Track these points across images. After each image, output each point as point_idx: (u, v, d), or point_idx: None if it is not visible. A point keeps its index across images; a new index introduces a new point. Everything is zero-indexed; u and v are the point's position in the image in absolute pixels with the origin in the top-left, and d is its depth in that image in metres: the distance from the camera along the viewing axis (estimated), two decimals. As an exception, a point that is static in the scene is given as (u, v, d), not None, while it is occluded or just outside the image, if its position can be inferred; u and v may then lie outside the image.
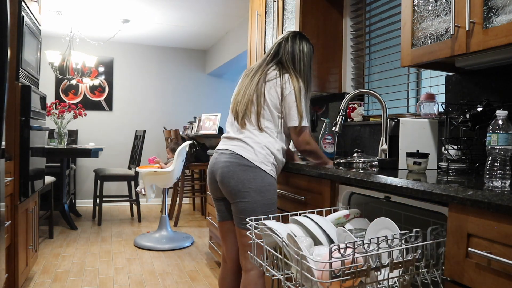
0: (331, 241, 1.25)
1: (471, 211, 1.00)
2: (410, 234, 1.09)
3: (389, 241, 1.05)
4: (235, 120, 1.82)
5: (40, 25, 2.97)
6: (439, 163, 1.59)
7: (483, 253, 0.95)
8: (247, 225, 1.36)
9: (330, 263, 1.00)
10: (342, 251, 1.01)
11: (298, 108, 1.74)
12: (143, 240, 3.87)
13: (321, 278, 1.03)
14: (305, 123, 1.76)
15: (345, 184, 1.56)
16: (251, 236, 1.35)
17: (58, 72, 4.79)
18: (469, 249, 0.99)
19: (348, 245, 1.02)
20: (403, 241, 1.07)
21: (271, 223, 1.27)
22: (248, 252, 1.57)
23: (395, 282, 1.14)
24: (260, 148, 1.72)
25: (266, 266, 1.29)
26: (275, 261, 1.32)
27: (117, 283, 2.91)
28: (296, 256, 1.08)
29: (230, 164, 1.72)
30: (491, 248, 0.95)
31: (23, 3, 2.43)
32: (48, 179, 3.91)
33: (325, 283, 1.01)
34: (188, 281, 2.99)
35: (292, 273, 1.22)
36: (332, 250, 1.00)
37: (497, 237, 0.93)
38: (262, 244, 1.27)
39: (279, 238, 1.18)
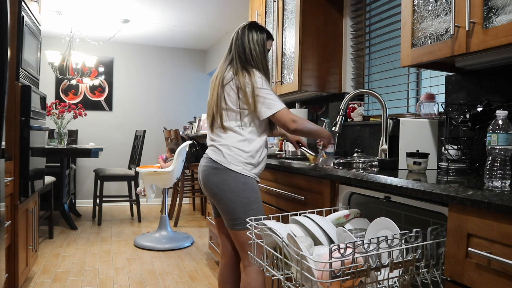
0: (331, 241, 1.25)
1: (471, 211, 1.00)
2: (410, 234, 1.09)
3: (389, 241, 1.05)
4: (208, 125, 1.89)
5: (40, 25, 2.97)
6: (439, 163, 1.59)
7: (483, 253, 0.95)
8: (247, 225, 1.37)
9: (330, 263, 1.00)
10: (342, 251, 1.01)
11: (264, 99, 1.72)
12: (143, 240, 3.87)
13: (321, 278, 1.03)
14: (278, 107, 1.74)
15: (345, 184, 1.56)
16: (250, 236, 1.35)
17: (58, 72, 4.79)
18: (469, 249, 0.99)
19: (348, 245, 1.02)
20: (403, 241, 1.07)
21: (271, 223, 1.28)
22: (248, 252, 1.58)
23: (395, 282, 1.14)
24: (227, 149, 1.75)
25: (266, 266, 1.29)
26: (275, 261, 1.32)
27: (117, 283, 2.91)
28: (296, 256, 1.08)
29: (206, 168, 1.80)
30: (491, 248, 0.95)
31: (23, 3, 2.43)
32: (48, 179, 3.91)
33: (325, 283, 1.01)
34: (188, 281, 2.99)
35: (292, 273, 1.22)
36: (332, 250, 1.00)
37: (497, 237, 0.93)
38: (262, 244, 1.27)
39: (279, 238, 1.18)
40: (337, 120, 1.96)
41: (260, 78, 1.75)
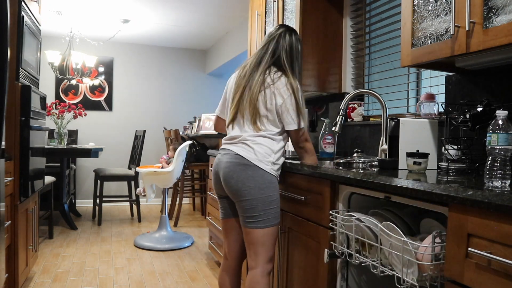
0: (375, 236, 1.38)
1: (471, 211, 1.00)
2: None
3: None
4: (235, 121, 1.84)
5: (40, 25, 2.97)
6: (439, 163, 1.59)
7: (483, 253, 0.95)
8: (330, 217, 1.52)
9: (433, 247, 1.13)
10: (436, 239, 1.14)
11: (297, 111, 1.79)
12: (143, 240, 3.87)
13: (422, 261, 1.16)
14: (304, 124, 1.82)
15: (345, 184, 1.56)
16: (334, 227, 1.54)
17: (58, 72, 4.79)
18: (469, 249, 0.99)
19: (435, 234, 1.15)
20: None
21: (357, 214, 1.43)
22: (331, 242, 1.60)
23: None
24: (259, 148, 1.75)
25: (356, 254, 1.45)
26: (357, 248, 1.48)
27: (117, 283, 2.91)
28: (398, 243, 1.20)
29: (230, 164, 1.76)
30: (491, 248, 0.95)
31: (23, 3, 2.43)
32: (48, 179, 3.91)
33: (426, 265, 1.14)
34: (188, 281, 2.99)
35: (378, 260, 1.35)
36: (435, 235, 1.14)
37: (497, 237, 0.93)
38: (352, 234, 1.43)
39: (375, 227, 1.32)
40: (337, 120, 1.96)
41: (299, 89, 1.82)
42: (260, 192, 1.72)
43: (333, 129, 1.97)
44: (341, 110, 1.96)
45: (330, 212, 1.57)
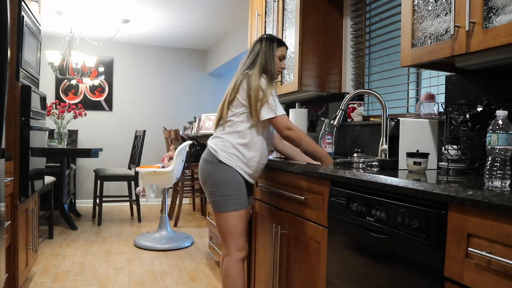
0: None
1: (471, 211, 1.00)
2: None
3: None
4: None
5: (40, 25, 2.97)
6: (439, 163, 1.59)
7: (483, 253, 0.95)
8: None
9: None
10: None
11: (267, 102, 1.86)
12: (143, 240, 3.87)
13: None
14: (279, 112, 1.87)
15: (345, 184, 1.55)
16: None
17: (58, 72, 4.79)
18: (469, 249, 0.99)
19: None
20: None
21: None
22: None
23: None
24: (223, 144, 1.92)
25: None
26: None
27: (117, 283, 2.91)
28: None
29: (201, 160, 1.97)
30: (491, 248, 0.95)
31: (23, 3, 2.43)
32: (48, 179, 3.91)
33: None
34: (188, 281, 2.99)
35: None
36: None
37: (497, 237, 0.93)
38: None
39: None
40: (336, 113, 1.96)
41: (266, 81, 1.89)
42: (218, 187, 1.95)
43: (332, 122, 1.97)
44: (342, 105, 1.97)
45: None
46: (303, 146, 1.90)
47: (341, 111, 1.95)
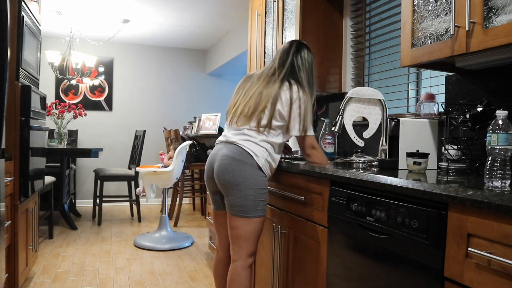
0: None
1: (471, 211, 1.00)
2: None
3: None
4: (234, 121, 1.91)
5: (40, 25, 2.97)
6: (439, 163, 1.59)
7: (483, 253, 0.95)
8: None
9: None
10: None
11: (304, 119, 1.83)
12: (143, 240, 3.87)
13: None
14: (310, 132, 1.85)
15: (345, 184, 1.55)
16: None
17: (58, 72, 4.79)
18: (469, 249, 0.99)
19: None
20: None
21: None
22: None
23: None
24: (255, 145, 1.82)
25: None
26: None
27: (117, 283, 2.91)
28: None
29: (225, 157, 1.83)
30: (491, 248, 0.95)
31: (23, 3, 2.43)
32: (48, 179, 3.91)
33: None
34: (188, 281, 2.99)
35: None
36: None
37: (497, 237, 0.93)
38: None
39: None
40: (336, 120, 1.96)
41: (309, 99, 1.86)
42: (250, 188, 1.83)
43: (333, 129, 1.97)
44: (341, 110, 1.96)
45: None
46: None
47: (340, 117, 1.95)
